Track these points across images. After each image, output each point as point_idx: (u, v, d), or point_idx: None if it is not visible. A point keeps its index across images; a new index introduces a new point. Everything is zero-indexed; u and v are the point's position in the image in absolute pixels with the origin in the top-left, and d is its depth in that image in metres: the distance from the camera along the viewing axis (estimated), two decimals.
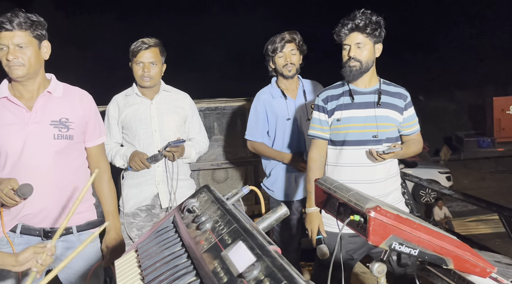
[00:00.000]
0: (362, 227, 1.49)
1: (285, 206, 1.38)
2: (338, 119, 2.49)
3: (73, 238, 2.23)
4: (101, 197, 2.37)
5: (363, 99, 2.49)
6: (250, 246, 1.03)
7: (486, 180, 16.28)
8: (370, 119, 2.46)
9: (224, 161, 4.45)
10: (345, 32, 2.42)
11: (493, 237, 9.56)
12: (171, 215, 1.46)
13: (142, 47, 2.76)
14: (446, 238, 1.44)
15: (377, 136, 2.45)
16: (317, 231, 2.53)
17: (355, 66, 2.42)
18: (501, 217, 2.75)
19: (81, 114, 2.23)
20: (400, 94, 2.54)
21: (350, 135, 2.48)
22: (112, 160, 2.84)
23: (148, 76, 2.79)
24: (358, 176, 2.48)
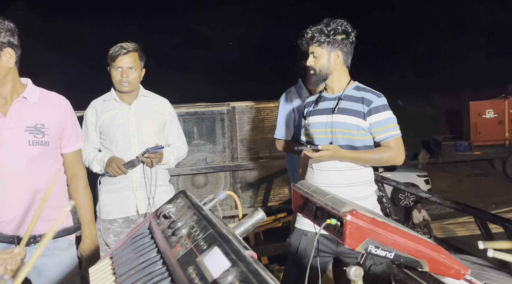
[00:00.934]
0: (338, 231, 1.50)
1: (261, 210, 1.38)
2: (307, 124, 2.61)
3: (48, 245, 2.18)
4: (77, 204, 2.33)
5: (326, 106, 2.53)
6: (225, 251, 1.02)
7: (463, 183, 16.54)
8: (329, 125, 2.48)
9: (203, 166, 4.44)
10: (305, 46, 2.64)
11: (471, 239, 9.70)
12: (147, 221, 1.44)
13: (121, 52, 2.74)
14: (421, 241, 1.46)
15: (332, 142, 2.45)
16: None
17: (312, 74, 2.52)
18: (476, 219, 2.79)
19: (58, 120, 2.19)
20: (363, 99, 2.43)
21: (315, 140, 2.55)
22: (89, 165, 2.81)
23: (127, 81, 2.77)
24: (320, 179, 2.49)
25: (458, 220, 11.30)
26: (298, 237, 2.52)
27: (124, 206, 2.83)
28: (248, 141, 4.60)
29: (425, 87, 25.09)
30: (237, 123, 4.53)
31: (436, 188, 15.10)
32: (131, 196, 2.82)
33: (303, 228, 2.49)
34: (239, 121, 4.54)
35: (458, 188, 15.93)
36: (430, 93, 24.88)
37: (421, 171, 15.00)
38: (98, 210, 2.84)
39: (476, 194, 14.78)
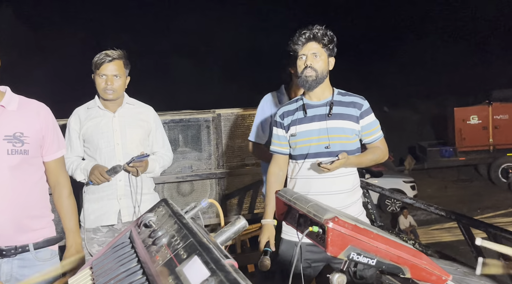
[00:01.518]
0: (321, 238, 1.50)
1: (243, 218, 1.37)
2: (292, 134, 2.53)
3: (29, 256, 2.15)
4: (61, 212, 2.30)
5: (316, 112, 2.52)
6: (205, 260, 1.02)
7: (449, 189, 16.67)
8: (323, 131, 2.48)
9: (189, 173, 4.42)
10: (302, 41, 2.46)
11: (456, 245, 9.76)
12: (127, 230, 1.43)
13: (105, 60, 2.72)
14: (402, 247, 1.46)
15: (329, 147, 2.47)
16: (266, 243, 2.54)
17: (311, 76, 2.45)
18: (460, 225, 2.81)
19: (37, 128, 2.17)
20: (354, 103, 2.53)
21: (305, 149, 2.51)
22: (72, 174, 2.78)
23: (111, 89, 2.75)
24: (313, 188, 2.50)
25: (444, 226, 11.38)
26: (290, 248, 2.50)
27: (108, 215, 2.80)
28: (234, 148, 4.59)
29: (411, 93, 25.35)
30: (222, 131, 4.52)
31: (422, 194, 15.20)
32: (115, 204, 2.79)
33: (294, 239, 2.45)
34: (224, 128, 4.53)
35: (444, 193, 16.05)
36: (415, 99, 25.13)
37: (407, 176, 15.10)
38: (82, 219, 2.82)
39: (462, 199, 14.91)
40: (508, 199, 14.50)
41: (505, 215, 12.35)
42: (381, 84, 25.94)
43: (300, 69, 2.48)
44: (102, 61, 2.72)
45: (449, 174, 17.89)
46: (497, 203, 13.58)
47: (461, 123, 17.37)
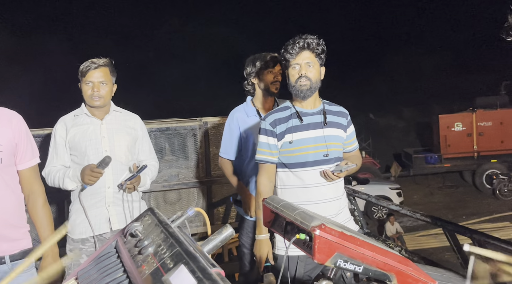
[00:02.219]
0: (308, 246, 1.50)
1: (230, 226, 1.37)
2: (290, 142, 2.48)
3: (5, 268, 2.10)
4: (36, 221, 2.26)
5: (311, 120, 2.52)
6: (191, 269, 1.01)
7: (434, 195, 16.82)
8: (320, 139, 2.49)
9: (176, 182, 4.39)
10: (296, 50, 2.43)
11: (443, 251, 9.85)
12: (113, 240, 1.42)
13: (91, 67, 2.71)
14: (388, 254, 1.47)
15: (328, 155, 2.49)
16: (266, 258, 2.51)
17: (305, 85, 2.44)
18: (445, 231, 2.83)
19: (10, 136, 2.13)
20: (341, 112, 2.62)
21: (303, 157, 2.49)
22: (60, 183, 2.73)
23: (98, 95, 2.73)
24: (314, 196, 2.50)
25: (430, 232, 11.46)
26: (293, 264, 2.46)
27: (97, 224, 2.77)
28: None
29: (396, 101, 25.61)
30: (209, 139, 4.52)
31: (409, 200, 15.32)
32: (104, 212, 2.76)
33: (295, 254, 2.37)
34: (211, 136, 4.52)
35: (429, 200, 16.19)
36: (401, 107, 25.39)
37: (394, 183, 15.20)
38: (69, 230, 2.77)
39: (447, 206, 15.04)
40: (492, 205, 14.67)
41: (490, 221, 12.48)
42: (367, 92, 26.19)
43: (294, 79, 2.46)
44: (88, 68, 2.71)
45: (435, 181, 18.07)
46: (482, 209, 13.74)
47: (445, 130, 17.56)
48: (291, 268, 2.47)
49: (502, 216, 12.74)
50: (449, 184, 17.88)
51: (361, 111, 23.18)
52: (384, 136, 22.48)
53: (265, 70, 3.11)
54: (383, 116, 24.77)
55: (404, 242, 10.79)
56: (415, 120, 23.49)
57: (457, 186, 17.60)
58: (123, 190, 2.76)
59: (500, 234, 10.70)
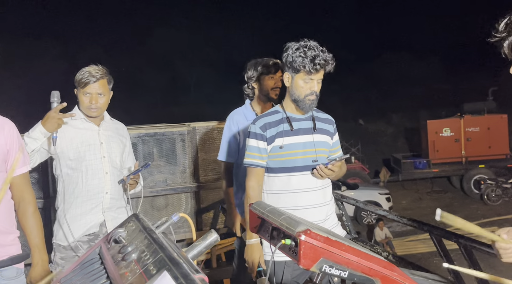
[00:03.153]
0: (293, 251, 1.49)
1: (215, 232, 1.37)
2: (280, 147, 2.48)
3: None
4: (26, 229, 2.24)
5: (301, 126, 2.54)
6: (174, 275, 1.00)
7: (423, 200, 16.92)
8: (309, 145, 2.51)
9: (164, 187, 4.37)
10: (316, 68, 2.40)
11: (431, 256, 9.90)
12: (97, 246, 1.41)
13: (90, 80, 2.68)
14: (373, 259, 1.47)
15: (317, 160, 2.50)
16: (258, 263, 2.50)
17: (314, 101, 2.48)
18: (432, 236, 2.84)
19: (2, 143, 2.12)
20: (329, 120, 2.65)
21: (292, 162, 2.50)
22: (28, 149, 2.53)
23: (96, 107, 2.73)
24: (302, 201, 2.50)
25: (419, 237, 11.52)
26: (280, 269, 2.46)
27: (92, 230, 2.74)
28: (209, 162, 4.57)
29: (385, 107, 25.79)
30: (198, 144, 4.51)
31: (398, 205, 15.39)
32: (100, 217, 2.74)
33: (282, 259, 2.39)
34: (200, 142, 4.51)
35: (418, 205, 16.28)
36: (389, 112, 25.57)
37: (383, 189, 15.27)
38: (61, 238, 2.72)
39: (435, 211, 15.11)
40: (480, 210, 14.79)
41: (477, 225, 12.57)
42: (356, 98, 26.34)
43: (303, 92, 2.45)
44: (87, 81, 2.68)
45: (423, 186, 18.18)
46: (470, 214, 13.83)
47: (434, 136, 17.71)
48: (278, 273, 2.47)
49: (490, 221, 12.85)
50: (438, 189, 18.00)
51: (350, 117, 23.32)
52: (373, 141, 22.61)
53: (266, 75, 3.13)
54: (372, 121, 24.93)
55: (393, 247, 10.82)
56: (404, 126, 23.67)
57: (445, 191, 17.73)
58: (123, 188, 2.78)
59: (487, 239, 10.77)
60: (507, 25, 1.48)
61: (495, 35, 1.51)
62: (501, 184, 15.51)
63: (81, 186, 2.70)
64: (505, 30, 1.49)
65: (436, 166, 17.46)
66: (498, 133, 17.43)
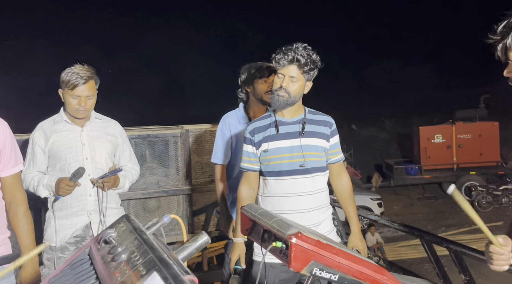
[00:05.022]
0: (284, 254, 1.50)
1: (206, 234, 1.36)
2: (265, 151, 2.50)
3: None
4: (17, 229, 2.23)
5: (288, 130, 2.53)
6: (164, 276, 1.00)
7: (414, 206, 16.98)
8: (296, 149, 2.49)
9: (156, 189, 4.36)
10: (283, 62, 2.42)
11: (421, 262, 9.93)
12: (87, 247, 1.39)
13: (79, 83, 2.64)
14: (364, 263, 1.47)
15: (304, 165, 2.49)
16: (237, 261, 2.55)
17: (283, 97, 2.44)
18: (422, 242, 2.86)
19: None
20: (325, 122, 2.59)
21: (277, 166, 2.50)
22: (35, 190, 2.69)
23: (84, 109, 2.71)
24: (287, 206, 2.50)
25: (410, 243, 11.55)
26: (266, 271, 2.45)
27: (78, 232, 2.73)
28: (202, 164, 4.56)
29: (378, 112, 25.90)
30: (190, 147, 4.50)
31: (389, 211, 15.43)
32: (86, 219, 2.73)
33: (268, 261, 2.39)
34: (192, 144, 4.50)
35: (409, 210, 16.34)
36: (382, 118, 25.68)
37: (375, 194, 15.31)
38: (49, 238, 2.72)
39: (427, 217, 15.19)
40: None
41: (468, 232, 12.63)
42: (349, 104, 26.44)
43: (275, 87, 2.46)
44: (76, 83, 2.64)
45: (415, 191, 18.26)
46: (460, 220, 13.88)
47: (426, 142, 17.80)
48: (266, 274, 2.47)
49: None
50: (429, 195, 18.08)
51: (343, 122, 23.37)
52: (366, 147, 22.68)
53: (260, 79, 3.13)
54: (365, 127, 25.02)
55: (384, 252, 10.84)
56: (396, 132, 23.79)
57: (436, 197, 17.81)
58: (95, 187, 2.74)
59: (478, 245, 10.81)
60: (503, 29, 1.52)
61: (491, 38, 1.54)
62: (492, 190, 15.60)
63: None
64: (500, 34, 1.52)
65: (428, 172, 17.55)
66: (490, 141, 17.56)
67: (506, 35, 1.50)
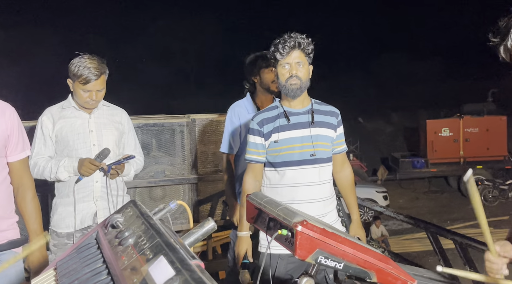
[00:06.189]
0: (290, 242, 1.50)
1: (212, 220, 1.37)
2: (275, 141, 2.49)
3: None
4: (25, 214, 2.25)
5: (298, 120, 2.52)
6: (170, 260, 1.01)
7: (420, 199, 16.95)
8: (307, 139, 2.49)
9: (161, 178, 4.38)
10: (286, 49, 2.41)
11: (426, 255, 9.93)
12: (94, 231, 1.41)
13: (92, 79, 2.66)
14: (369, 252, 1.48)
15: (315, 155, 2.49)
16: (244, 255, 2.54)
17: (296, 84, 2.44)
18: (428, 234, 2.86)
19: (3, 128, 2.12)
20: (332, 112, 2.60)
21: (288, 156, 2.49)
22: (53, 173, 2.67)
23: (94, 101, 2.74)
24: (298, 196, 2.50)
25: (415, 236, 11.55)
26: (274, 262, 2.46)
27: (84, 218, 2.75)
28: (208, 154, 4.57)
29: (385, 105, 25.78)
30: (197, 136, 4.51)
31: (394, 204, 15.42)
32: (92, 206, 2.75)
33: (276, 252, 2.39)
34: (198, 133, 4.51)
35: (414, 204, 16.31)
36: (389, 111, 25.56)
37: (380, 187, 15.30)
38: (54, 224, 2.75)
39: (432, 211, 15.16)
40: None
41: (473, 226, 12.60)
42: (356, 96, 26.34)
43: (284, 78, 2.45)
44: (89, 79, 2.66)
45: (420, 185, 18.21)
46: (466, 214, 13.85)
47: (433, 136, 17.71)
48: (272, 266, 2.47)
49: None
50: (435, 189, 18.03)
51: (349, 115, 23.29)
52: (372, 140, 22.62)
53: (266, 68, 3.13)
54: (371, 120, 24.93)
55: (389, 245, 10.86)
56: (403, 125, 23.67)
57: (442, 191, 17.76)
58: (106, 176, 2.74)
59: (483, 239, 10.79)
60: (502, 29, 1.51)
61: (492, 40, 1.54)
62: (498, 185, 15.54)
63: None
64: (498, 36, 1.52)
65: (434, 166, 17.48)
66: (497, 135, 17.45)
67: (505, 36, 1.50)
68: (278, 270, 2.46)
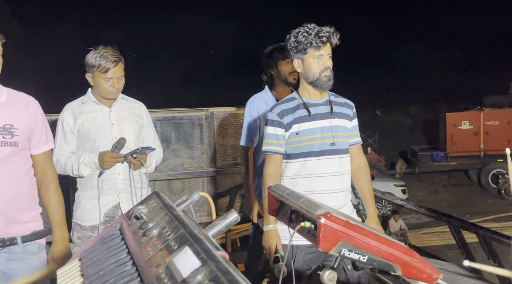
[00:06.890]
0: (312, 234, 1.49)
1: (235, 211, 1.36)
2: (296, 133, 2.50)
3: (17, 249, 2.13)
4: (48, 206, 2.28)
5: (318, 111, 2.54)
6: (196, 251, 1.00)
7: (439, 193, 16.75)
8: (327, 129, 2.51)
9: (181, 171, 4.40)
10: (322, 40, 2.42)
11: (445, 249, 9.83)
12: (118, 222, 1.42)
13: (111, 66, 2.70)
14: (393, 245, 1.46)
15: (334, 144, 2.51)
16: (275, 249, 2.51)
17: (330, 77, 2.46)
18: (450, 227, 2.82)
19: (27, 121, 2.15)
20: (347, 104, 2.64)
21: (309, 147, 2.50)
22: (75, 170, 2.71)
23: (117, 90, 2.77)
24: (319, 186, 2.51)
25: (434, 230, 11.44)
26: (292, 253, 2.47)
27: (108, 211, 2.77)
28: (227, 147, 4.58)
29: (403, 98, 25.50)
30: (215, 129, 4.52)
31: (413, 198, 15.27)
32: (115, 199, 2.77)
33: (295, 243, 2.41)
34: (217, 127, 4.52)
35: (434, 198, 16.13)
36: (407, 104, 25.28)
37: (399, 180, 15.15)
38: (78, 217, 2.78)
39: (451, 204, 14.98)
40: (497, 205, 14.59)
41: (494, 220, 12.44)
42: (374, 89, 26.10)
43: (319, 70, 2.45)
44: (108, 66, 2.70)
45: (440, 179, 17.99)
46: (486, 208, 13.67)
47: (452, 128, 17.44)
48: (289, 256, 2.48)
49: (506, 215, 12.68)
50: (454, 183, 17.78)
51: (367, 108, 23.11)
52: (390, 133, 22.41)
53: (283, 60, 3.12)
54: (390, 113, 24.69)
55: (408, 239, 10.77)
56: (422, 118, 23.38)
57: (462, 185, 17.51)
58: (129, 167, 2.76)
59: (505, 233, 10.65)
60: None
61: None
62: None
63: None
64: None
65: (454, 159, 17.21)
66: None
67: None
68: (296, 260, 2.47)
